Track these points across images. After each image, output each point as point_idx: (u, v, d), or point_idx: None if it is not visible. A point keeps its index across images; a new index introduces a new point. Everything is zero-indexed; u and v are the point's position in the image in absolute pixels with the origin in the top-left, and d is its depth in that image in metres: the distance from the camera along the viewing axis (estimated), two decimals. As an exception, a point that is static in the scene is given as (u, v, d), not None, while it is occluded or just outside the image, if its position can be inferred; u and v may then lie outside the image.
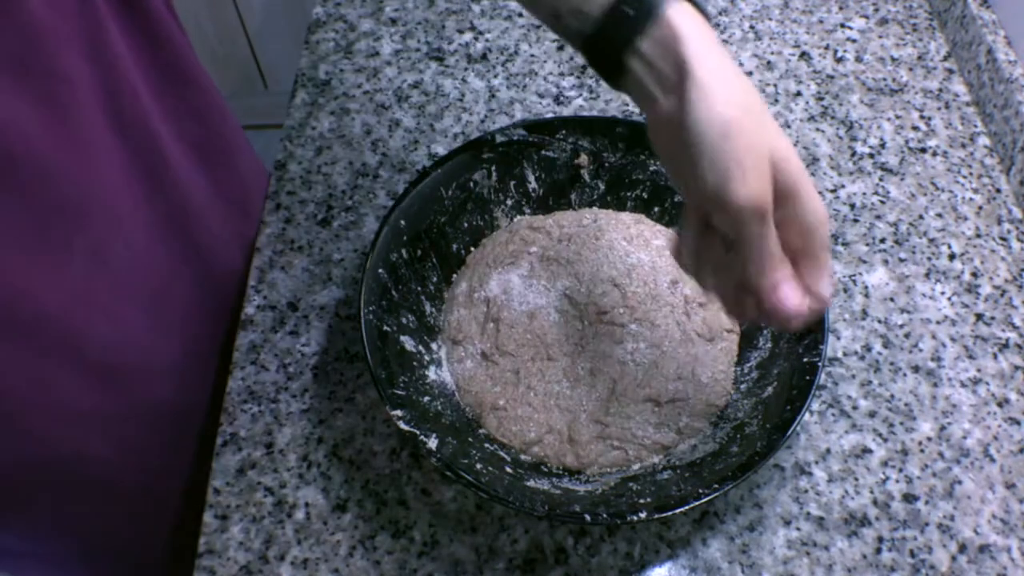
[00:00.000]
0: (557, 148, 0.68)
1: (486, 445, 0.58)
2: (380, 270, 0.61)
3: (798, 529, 0.58)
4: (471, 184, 0.67)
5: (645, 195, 0.69)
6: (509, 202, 0.69)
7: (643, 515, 0.50)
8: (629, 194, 0.69)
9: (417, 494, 0.59)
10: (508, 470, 0.56)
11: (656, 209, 0.69)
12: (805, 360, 0.57)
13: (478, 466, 0.54)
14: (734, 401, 0.60)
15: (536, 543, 0.58)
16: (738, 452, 0.55)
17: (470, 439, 0.57)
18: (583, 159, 0.69)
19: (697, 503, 0.51)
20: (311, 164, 0.78)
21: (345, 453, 0.61)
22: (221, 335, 0.71)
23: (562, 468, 0.58)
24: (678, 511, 0.51)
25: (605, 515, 0.51)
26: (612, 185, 0.70)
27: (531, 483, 0.55)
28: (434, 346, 0.63)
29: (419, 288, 0.64)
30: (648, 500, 0.52)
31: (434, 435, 0.55)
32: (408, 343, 0.61)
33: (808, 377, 0.56)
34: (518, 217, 0.69)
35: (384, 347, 0.58)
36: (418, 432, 0.54)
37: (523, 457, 0.58)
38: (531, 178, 0.69)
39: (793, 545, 0.58)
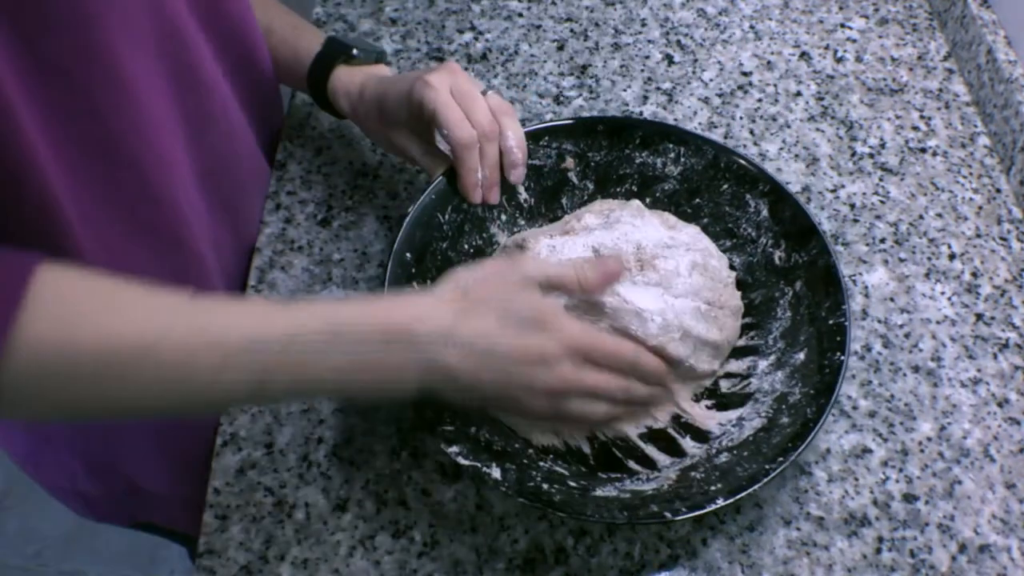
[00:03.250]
0: (542, 155, 0.69)
1: (541, 464, 0.57)
2: None
3: (798, 529, 0.58)
4: (465, 205, 0.67)
5: (634, 187, 0.70)
6: (503, 217, 0.69)
7: (721, 501, 0.51)
8: (618, 189, 0.70)
9: (417, 494, 0.59)
10: (572, 484, 0.55)
11: (648, 200, 0.69)
12: (831, 322, 0.58)
13: (544, 486, 0.54)
14: (766, 374, 0.60)
15: (536, 543, 0.58)
16: (789, 422, 0.55)
17: (525, 460, 0.57)
18: (569, 162, 0.69)
19: (767, 479, 0.51)
20: (311, 164, 0.78)
21: (345, 453, 0.61)
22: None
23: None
24: (753, 489, 0.51)
25: (684, 509, 0.51)
26: (600, 182, 0.70)
27: (599, 492, 0.55)
28: None
29: None
30: (719, 486, 0.52)
31: (494, 464, 0.54)
32: None
33: (839, 338, 0.57)
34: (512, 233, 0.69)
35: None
36: (479, 464, 0.54)
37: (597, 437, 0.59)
38: (520, 190, 0.69)
39: (793, 545, 0.58)
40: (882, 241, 0.74)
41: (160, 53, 0.54)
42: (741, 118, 0.82)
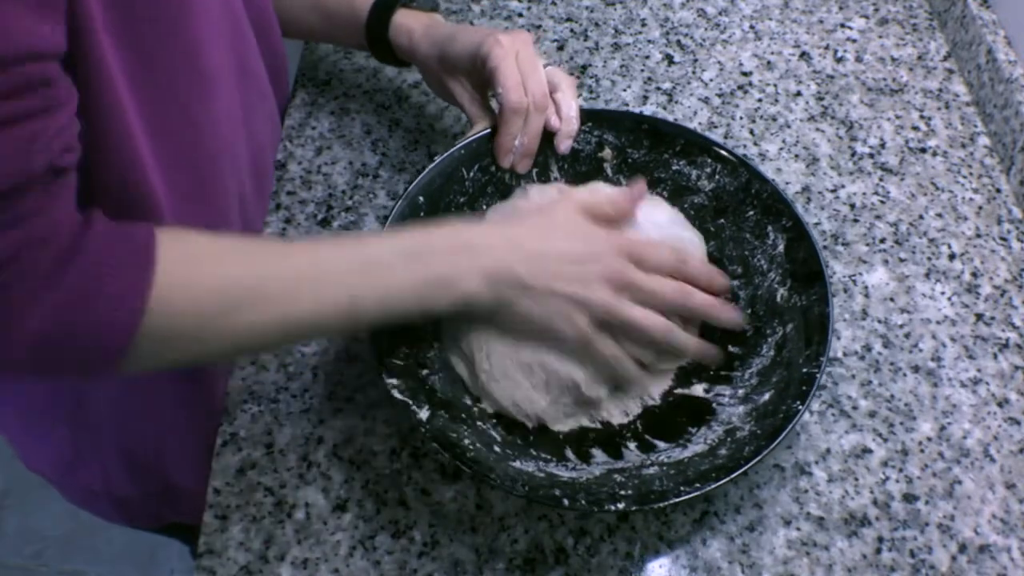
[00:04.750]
0: (582, 140, 0.68)
1: (479, 423, 0.58)
2: None
3: (798, 529, 0.58)
4: (493, 168, 0.67)
5: (665, 193, 0.69)
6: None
7: (621, 506, 0.50)
8: (650, 191, 0.69)
9: (417, 494, 0.59)
10: (496, 450, 0.56)
11: (676, 208, 0.69)
12: (804, 370, 0.57)
13: (466, 441, 0.54)
14: (730, 406, 0.60)
15: (536, 543, 0.58)
16: (726, 455, 0.55)
17: (463, 415, 0.57)
18: (607, 153, 0.69)
19: (676, 500, 0.51)
20: (311, 164, 0.78)
21: (345, 453, 0.61)
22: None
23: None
24: (656, 505, 0.51)
25: (583, 502, 0.51)
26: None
27: (516, 464, 0.55)
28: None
29: None
30: (629, 492, 0.52)
31: (426, 407, 0.55)
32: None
33: (805, 387, 0.55)
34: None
35: None
36: (411, 403, 0.54)
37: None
38: (554, 167, 0.69)
39: (793, 545, 0.58)
40: (882, 241, 0.74)
41: (229, 48, 0.58)
42: (741, 118, 0.82)
